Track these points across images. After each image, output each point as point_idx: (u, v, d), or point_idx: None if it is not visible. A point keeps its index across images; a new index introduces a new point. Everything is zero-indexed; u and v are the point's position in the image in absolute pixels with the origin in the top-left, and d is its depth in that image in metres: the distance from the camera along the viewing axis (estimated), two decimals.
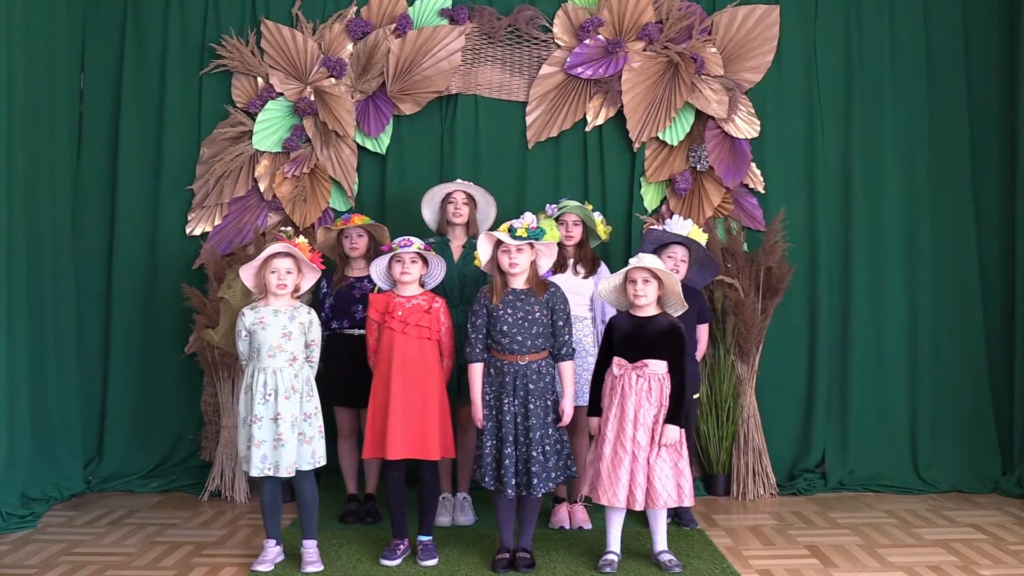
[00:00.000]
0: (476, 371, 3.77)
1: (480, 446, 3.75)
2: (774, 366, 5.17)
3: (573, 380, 3.81)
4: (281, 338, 3.70)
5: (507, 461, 3.66)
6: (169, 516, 4.59)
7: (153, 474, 5.16)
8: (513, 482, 3.66)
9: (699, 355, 4.54)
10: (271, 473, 3.66)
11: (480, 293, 3.82)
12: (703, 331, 4.54)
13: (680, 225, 4.41)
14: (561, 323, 3.76)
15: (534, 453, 3.65)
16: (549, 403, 3.73)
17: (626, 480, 3.62)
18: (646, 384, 3.66)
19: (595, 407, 3.83)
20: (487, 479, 3.71)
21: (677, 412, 3.66)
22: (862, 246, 5.30)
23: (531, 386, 3.69)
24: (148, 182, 5.33)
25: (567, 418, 3.76)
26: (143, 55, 5.35)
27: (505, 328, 3.70)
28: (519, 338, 3.69)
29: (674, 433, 3.66)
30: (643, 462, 3.63)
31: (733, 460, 4.99)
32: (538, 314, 3.72)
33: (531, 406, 3.68)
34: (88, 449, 5.20)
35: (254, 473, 3.65)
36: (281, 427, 3.64)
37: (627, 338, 3.72)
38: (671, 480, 3.65)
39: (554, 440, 3.72)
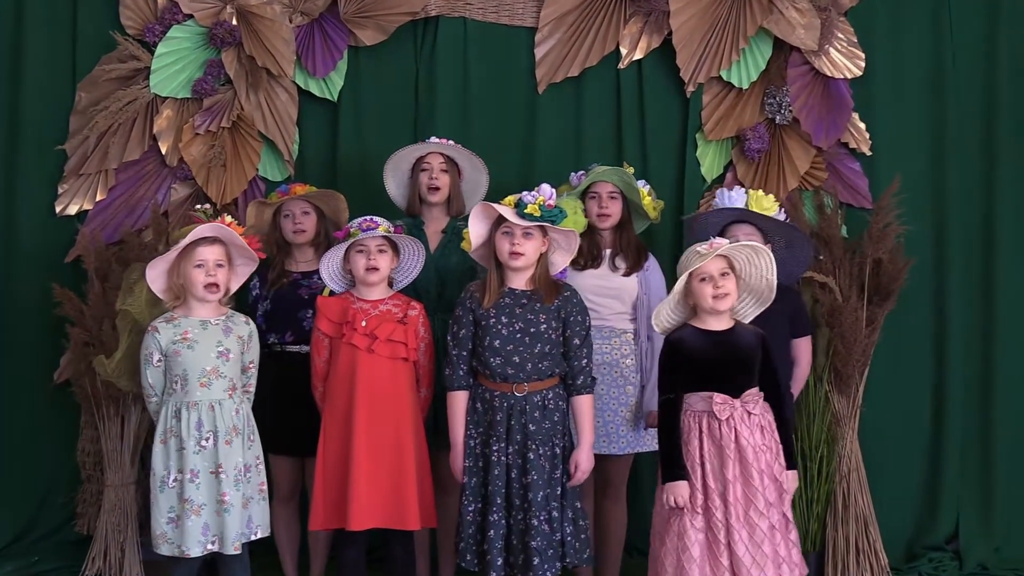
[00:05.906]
0: (458, 402, 3.76)
1: (463, 510, 3.74)
2: (885, 400, 5.07)
3: (592, 421, 3.76)
4: (217, 359, 3.68)
5: (491, 531, 3.62)
6: None
7: (8, 553, 5.08)
8: (499, 562, 3.61)
9: (798, 386, 4.43)
10: (215, 548, 3.61)
11: (466, 292, 3.79)
12: (802, 348, 4.40)
13: (735, 197, 4.33)
14: (578, 341, 3.72)
15: (535, 522, 3.58)
16: (558, 451, 3.68)
17: (771, 554, 3.52)
18: (759, 421, 3.58)
19: (678, 467, 3.55)
20: (468, 556, 3.69)
21: (792, 451, 3.64)
22: (1012, 231, 5.20)
23: (532, 427, 3.64)
24: (0, 140, 5.26)
25: (582, 475, 3.70)
26: None
27: (497, 343, 3.66)
28: (515, 359, 3.65)
29: (795, 481, 3.66)
30: (782, 527, 3.56)
31: (828, 532, 4.85)
32: (544, 326, 3.68)
33: (531, 455, 3.63)
34: None
35: (195, 552, 3.57)
36: (224, 484, 3.61)
37: (714, 363, 3.58)
38: (797, 547, 3.60)
39: (564, 503, 3.67)
